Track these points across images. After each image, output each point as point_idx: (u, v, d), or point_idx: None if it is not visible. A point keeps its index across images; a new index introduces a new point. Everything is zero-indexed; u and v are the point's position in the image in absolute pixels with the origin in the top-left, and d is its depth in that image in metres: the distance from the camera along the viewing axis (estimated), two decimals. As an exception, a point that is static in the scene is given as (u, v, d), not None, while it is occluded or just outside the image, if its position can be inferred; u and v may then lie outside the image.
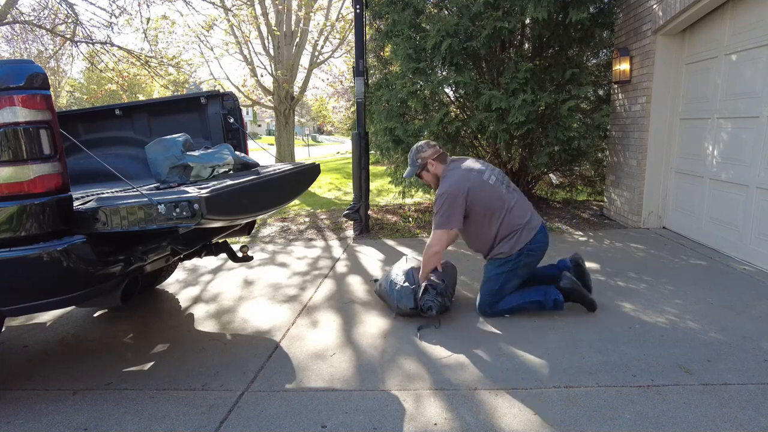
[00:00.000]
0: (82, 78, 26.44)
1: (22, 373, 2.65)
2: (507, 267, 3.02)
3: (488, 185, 3.01)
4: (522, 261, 3.01)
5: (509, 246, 2.99)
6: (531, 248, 3.01)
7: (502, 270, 3.03)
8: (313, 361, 2.63)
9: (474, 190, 2.95)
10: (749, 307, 3.11)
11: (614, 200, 5.95)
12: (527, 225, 3.02)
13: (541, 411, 2.09)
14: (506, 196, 3.02)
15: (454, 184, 2.96)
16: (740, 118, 4.11)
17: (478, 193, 2.96)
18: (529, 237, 3.00)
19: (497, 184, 3.05)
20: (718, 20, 4.35)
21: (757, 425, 1.94)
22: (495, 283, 3.05)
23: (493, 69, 6.23)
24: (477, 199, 2.96)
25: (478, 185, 2.98)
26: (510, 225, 2.99)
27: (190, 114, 3.44)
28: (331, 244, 5.33)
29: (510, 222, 2.99)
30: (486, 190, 2.98)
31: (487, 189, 2.99)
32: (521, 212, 3.04)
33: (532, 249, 3.02)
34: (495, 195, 2.99)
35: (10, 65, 1.97)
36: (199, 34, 11.41)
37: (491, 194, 2.99)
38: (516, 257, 3.00)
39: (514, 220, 2.99)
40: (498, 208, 2.98)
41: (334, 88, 15.62)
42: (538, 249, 3.07)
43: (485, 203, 2.97)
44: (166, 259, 2.83)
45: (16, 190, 1.95)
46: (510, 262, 3.01)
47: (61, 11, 9.50)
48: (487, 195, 2.98)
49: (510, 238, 2.99)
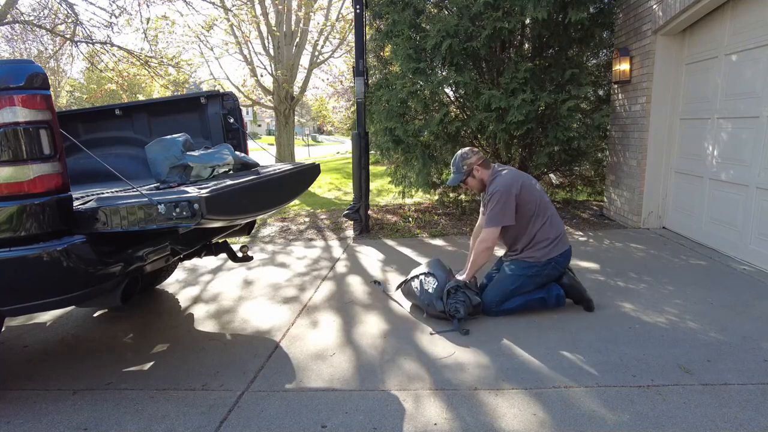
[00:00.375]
0: (82, 78, 26.44)
1: (22, 373, 2.65)
2: (531, 272, 3.06)
3: (536, 189, 3.11)
4: (546, 271, 3.06)
5: (543, 252, 3.04)
6: (558, 261, 3.07)
7: (525, 273, 3.06)
8: (313, 361, 2.63)
9: (525, 188, 3.04)
10: (749, 307, 3.11)
11: (614, 200, 5.95)
12: (562, 238, 3.10)
13: (541, 411, 2.09)
14: (549, 204, 3.13)
15: (507, 182, 3.03)
16: (740, 118, 4.11)
17: (528, 193, 3.04)
18: (561, 250, 3.08)
19: (540, 191, 3.15)
20: (718, 20, 4.35)
21: (757, 425, 1.94)
22: (512, 283, 3.07)
23: (493, 69, 6.23)
24: (527, 199, 3.03)
25: (529, 186, 3.07)
26: (549, 231, 3.06)
27: (190, 114, 3.44)
28: (331, 244, 5.33)
29: (550, 228, 3.07)
30: (534, 193, 3.08)
31: (536, 192, 3.09)
32: (559, 224, 3.14)
33: (559, 263, 3.08)
34: (541, 199, 3.09)
35: (10, 65, 1.97)
36: (199, 34, 11.41)
37: (538, 197, 3.08)
38: (543, 265, 3.05)
39: (554, 228, 3.08)
40: (543, 211, 3.07)
41: (334, 88, 15.61)
42: (562, 266, 3.12)
43: (534, 204, 3.05)
44: (166, 259, 2.83)
45: (16, 190, 1.95)
46: (535, 268, 3.05)
47: (61, 11, 9.50)
48: (535, 197, 3.07)
49: (546, 245, 3.05)
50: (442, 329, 2.92)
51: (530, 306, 3.11)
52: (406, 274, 4.06)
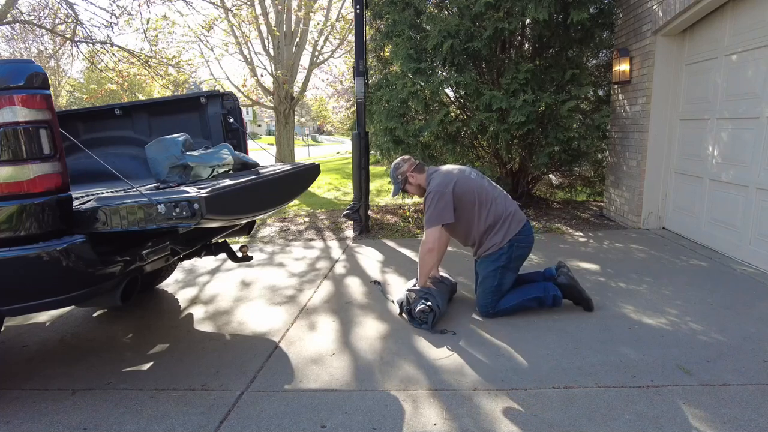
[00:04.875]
0: (82, 78, 26.41)
1: (21, 373, 2.65)
2: (501, 261, 3.05)
3: (471, 179, 3.12)
4: (514, 253, 3.07)
5: (500, 236, 3.05)
6: (520, 240, 3.08)
7: (496, 265, 3.06)
8: (312, 362, 2.63)
9: (459, 183, 3.05)
10: (749, 308, 3.11)
11: (614, 201, 5.95)
12: (515, 216, 3.11)
13: (540, 411, 2.09)
14: (489, 188, 3.14)
15: (440, 182, 3.06)
16: (740, 118, 4.10)
17: (463, 186, 3.05)
18: (518, 228, 3.08)
19: (478, 178, 3.17)
20: (718, 21, 4.35)
21: (757, 426, 1.94)
22: (493, 279, 3.07)
23: (494, 69, 6.23)
24: (463, 192, 3.05)
25: (462, 179, 3.08)
26: (497, 213, 3.07)
27: (190, 114, 3.44)
28: (331, 244, 5.33)
29: (497, 210, 3.07)
30: (470, 183, 3.09)
31: (471, 182, 3.11)
32: (507, 202, 3.15)
33: (521, 241, 3.08)
34: (479, 187, 3.10)
35: (10, 65, 1.97)
36: (199, 34, 11.41)
37: (475, 186, 3.09)
38: (508, 249, 3.05)
39: (501, 209, 3.09)
40: (485, 198, 3.08)
41: (334, 88, 15.61)
42: (527, 242, 3.13)
43: (472, 195, 3.06)
44: (165, 259, 2.83)
45: (16, 189, 1.95)
46: (503, 255, 3.05)
47: (61, 11, 9.49)
48: (472, 186, 3.08)
49: (500, 228, 3.06)
50: (439, 329, 2.93)
51: (527, 306, 3.11)
52: (405, 274, 4.08)
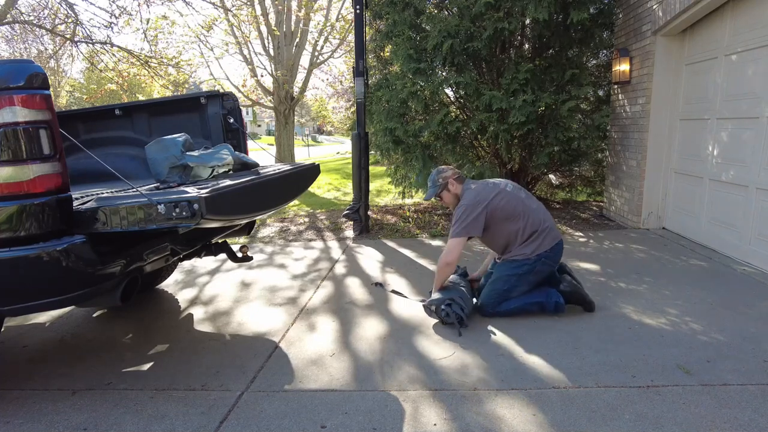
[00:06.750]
0: (82, 78, 26.42)
1: (21, 373, 2.65)
2: (522, 270, 3.04)
3: (506, 192, 3.10)
4: (537, 267, 3.05)
5: (531, 248, 3.03)
6: (549, 256, 3.05)
7: (516, 272, 3.05)
8: (312, 362, 2.63)
9: (497, 197, 3.04)
10: (749, 308, 3.11)
11: (614, 201, 5.95)
12: (550, 231, 3.08)
13: (541, 411, 2.09)
14: (526, 201, 3.12)
15: (475, 196, 3.06)
16: (740, 118, 4.10)
17: (502, 199, 3.04)
18: (551, 245, 3.06)
19: (515, 191, 3.14)
20: (718, 21, 4.35)
21: (757, 426, 1.94)
22: (505, 283, 3.06)
23: (494, 69, 6.23)
24: (498, 206, 3.03)
25: (498, 193, 3.06)
26: (533, 225, 3.05)
27: (190, 114, 3.44)
28: (331, 244, 5.33)
29: (534, 222, 3.05)
30: (505, 197, 3.07)
31: (507, 195, 3.08)
32: (544, 216, 3.13)
33: (549, 258, 3.06)
34: (515, 199, 3.08)
35: (10, 65, 1.97)
36: (199, 34, 11.42)
37: (511, 199, 3.07)
38: (534, 262, 3.03)
39: (538, 222, 3.06)
40: (520, 211, 3.05)
41: (334, 89, 15.61)
42: (554, 261, 3.11)
43: (507, 209, 3.04)
44: (165, 259, 2.83)
45: (16, 189, 1.95)
46: (526, 265, 3.03)
47: (61, 11, 9.50)
48: (507, 199, 3.06)
49: (534, 240, 3.04)
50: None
51: (528, 310, 3.09)
52: (405, 274, 4.08)
